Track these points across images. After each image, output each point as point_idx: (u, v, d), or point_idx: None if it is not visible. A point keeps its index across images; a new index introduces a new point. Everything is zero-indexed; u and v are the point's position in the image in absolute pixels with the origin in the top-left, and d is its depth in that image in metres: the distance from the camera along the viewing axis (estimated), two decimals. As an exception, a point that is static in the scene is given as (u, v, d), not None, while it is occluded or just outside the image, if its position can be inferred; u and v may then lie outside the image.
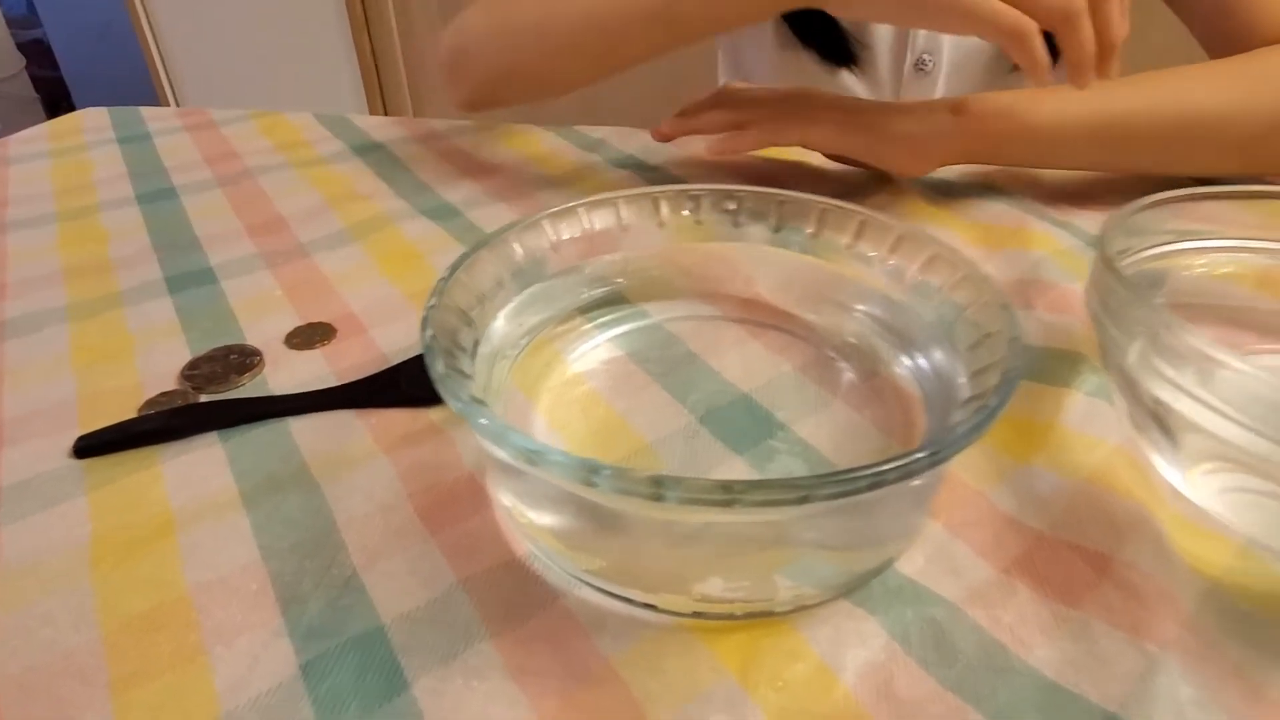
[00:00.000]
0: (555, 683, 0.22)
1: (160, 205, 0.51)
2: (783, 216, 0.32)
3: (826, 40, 0.61)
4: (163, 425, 0.31)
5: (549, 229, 0.31)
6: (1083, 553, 0.25)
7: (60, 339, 0.38)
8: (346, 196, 0.52)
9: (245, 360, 0.35)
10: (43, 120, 0.69)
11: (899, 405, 0.29)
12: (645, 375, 0.31)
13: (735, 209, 0.33)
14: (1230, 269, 0.33)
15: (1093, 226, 0.44)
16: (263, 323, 0.38)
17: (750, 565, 0.22)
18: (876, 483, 0.19)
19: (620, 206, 0.32)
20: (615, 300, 0.34)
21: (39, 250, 0.46)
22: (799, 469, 0.27)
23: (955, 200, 0.48)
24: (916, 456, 0.19)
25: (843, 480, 0.18)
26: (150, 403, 0.33)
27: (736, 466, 0.27)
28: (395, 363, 0.34)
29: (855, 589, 0.24)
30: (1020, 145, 0.45)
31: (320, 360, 0.35)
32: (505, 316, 0.29)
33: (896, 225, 0.30)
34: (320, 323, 0.38)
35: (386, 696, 0.21)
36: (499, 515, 0.27)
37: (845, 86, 0.63)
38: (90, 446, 0.30)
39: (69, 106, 2.17)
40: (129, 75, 1.90)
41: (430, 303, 0.25)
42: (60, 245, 0.47)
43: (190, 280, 0.42)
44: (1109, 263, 0.26)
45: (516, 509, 0.25)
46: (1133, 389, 0.26)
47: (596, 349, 0.32)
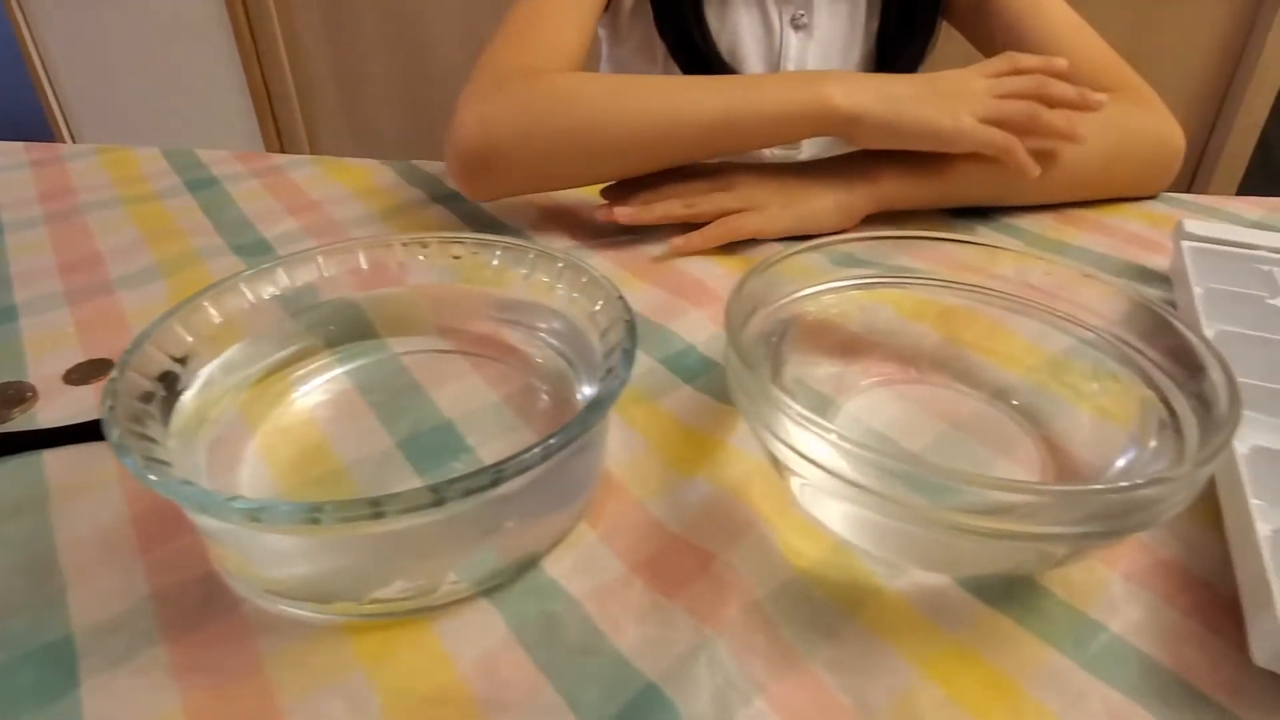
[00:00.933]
0: (208, 679, 0.25)
1: (-19, 242, 0.53)
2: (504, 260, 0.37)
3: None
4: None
5: (309, 267, 0.35)
6: (697, 552, 0.29)
7: None
8: (166, 233, 0.54)
9: (20, 395, 0.38)
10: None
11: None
12: (365, 404, 0.35)
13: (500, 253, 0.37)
14: (837, 310, 0.38)
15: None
16: (47, 359, 0.41)
17: (427, 567, 0.26)
18: (497, 478, 0.23)
19: (360, 252, 0.36)
20: (364, 334, 0.38)
21: None
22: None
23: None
24: (532, 451, 0.24)
25: (469, 478, 0.23)
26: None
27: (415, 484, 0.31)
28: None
29: (504, 586, 0.28)
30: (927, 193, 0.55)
31: (92, 396, 0.38)
32: (238, 351, 0.33)
33: (561, 256, 0.35)
34: (102, 359, 0.41)
35: (56, 697, 0.24)
36: (207, 534, 0.30)
37: None
38: None
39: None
40: (28, 114, 1.85)
41: (113, 374, 0.28)
42: None
43: (-11, 317, 0.44)
44: (730, 331, 0.29)
45: (204, 535, 0.28)
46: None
47: (330, 381, 0.36)
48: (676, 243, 0.51)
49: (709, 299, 0.46)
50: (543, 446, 0.24)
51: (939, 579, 0.28)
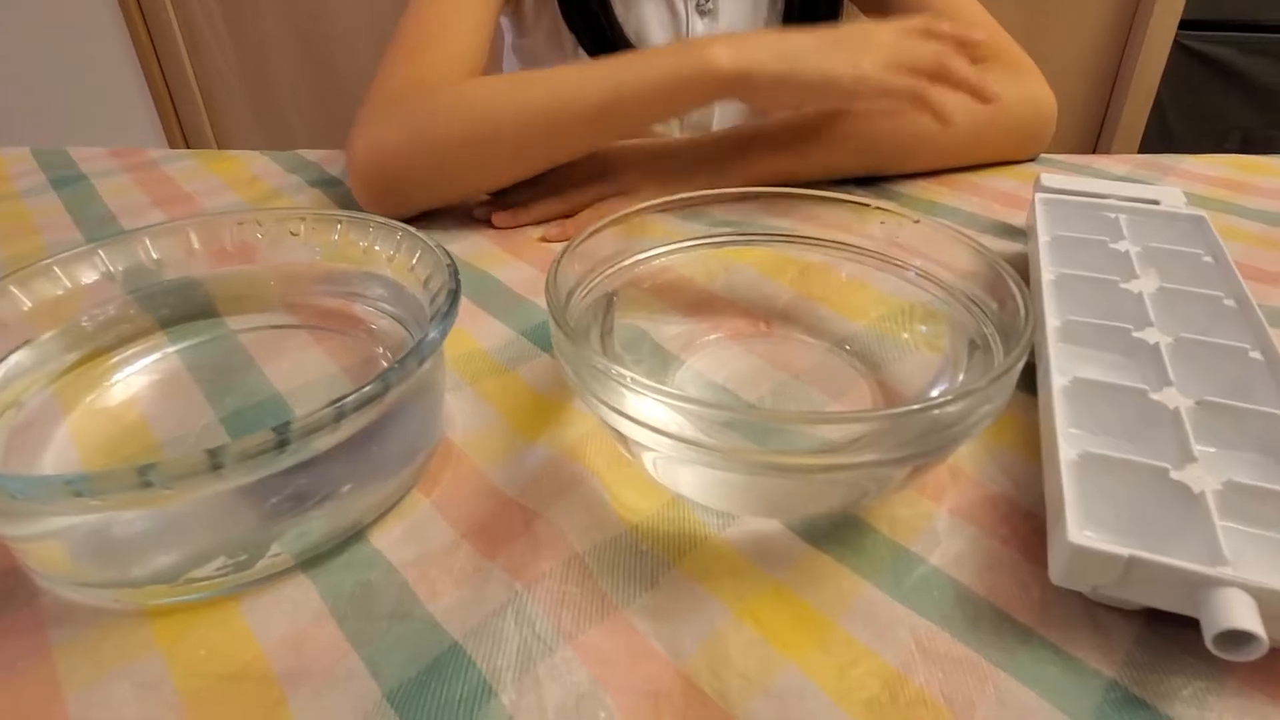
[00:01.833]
0: (-9, 672, 0.24)
1: None
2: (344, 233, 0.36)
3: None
4: None
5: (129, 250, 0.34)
6: (523, 512, 0.29)
7: None
8: (22, 231, 0.52)
9: None
10: None
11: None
12: (192, 382, 0.33)
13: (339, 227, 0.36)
14: (694, 269, 0.38)
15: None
16: None
17: (246, 541, 0.25)
18: (282, 441, 0.23)
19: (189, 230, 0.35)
20: (203, 313, 0.36)
21: None
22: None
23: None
24: (323, 411, 0.23)
25: (247, 441, 0.22)
26: None
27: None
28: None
29: (326, 559, 0.27)
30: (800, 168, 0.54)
31: (-89, 395, 0.36)
32: (53, 336, 0.31)
33: (400, 228, 0.34)
34: (-73, 358, 0.39)
35: None
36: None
37: None
38: None
39: None
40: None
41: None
42: None
43: None
44: (552, 306, 0.28)
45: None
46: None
47: (158, 361, 0.34)
48: (551, 233, 0.51)
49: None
50: (335, 407, 0.24)
51: (770, 525, 0.28)
